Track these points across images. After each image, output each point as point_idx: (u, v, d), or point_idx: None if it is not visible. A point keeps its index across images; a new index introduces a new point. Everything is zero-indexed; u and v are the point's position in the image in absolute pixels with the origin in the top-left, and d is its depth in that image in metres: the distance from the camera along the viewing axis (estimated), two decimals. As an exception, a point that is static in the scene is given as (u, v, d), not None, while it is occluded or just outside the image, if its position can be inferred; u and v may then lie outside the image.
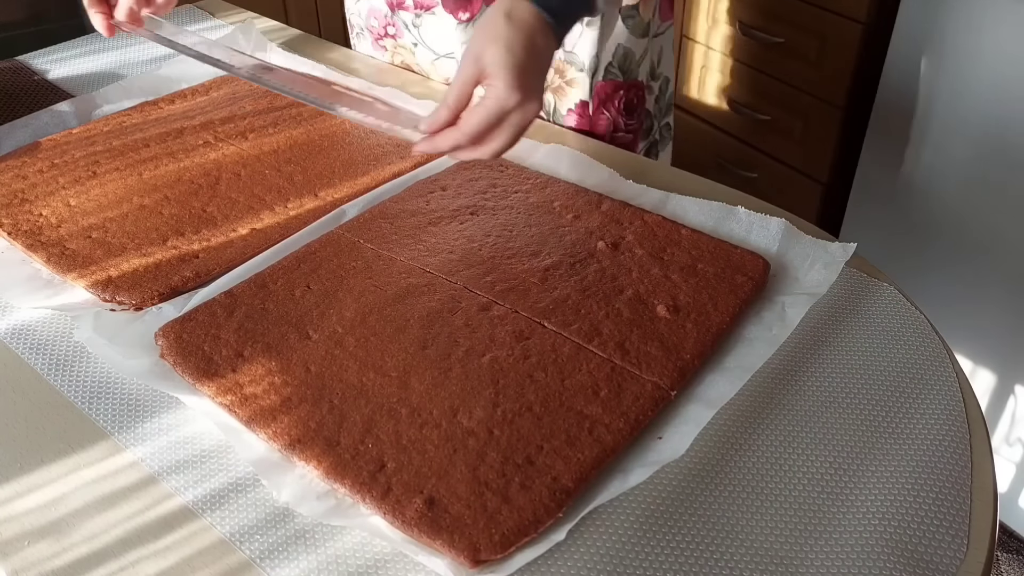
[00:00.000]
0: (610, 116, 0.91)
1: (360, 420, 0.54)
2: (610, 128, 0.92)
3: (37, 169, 0.78)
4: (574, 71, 0.89)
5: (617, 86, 0.90)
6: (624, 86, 0.90)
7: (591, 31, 0.86)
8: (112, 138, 0.83)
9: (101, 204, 0.74)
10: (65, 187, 0.76)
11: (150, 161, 0.80)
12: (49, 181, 0.77)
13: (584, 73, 0.88)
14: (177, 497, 0.51)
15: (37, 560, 0.48)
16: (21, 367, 0.60)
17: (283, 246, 0.69)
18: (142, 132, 0.84)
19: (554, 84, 0.90)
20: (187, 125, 0.85)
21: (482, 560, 0.46)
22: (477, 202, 0.74)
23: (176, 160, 0.80)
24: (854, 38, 1.49)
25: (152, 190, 0.76)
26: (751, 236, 0.71)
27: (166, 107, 0.89)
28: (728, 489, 0.51)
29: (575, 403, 0.55)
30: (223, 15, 1.10)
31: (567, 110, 0.92)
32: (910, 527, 0.49)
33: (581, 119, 0.91)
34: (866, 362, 0.60)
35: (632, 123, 0.93)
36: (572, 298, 0.63)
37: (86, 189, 0.76)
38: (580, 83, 0.89)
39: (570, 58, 0.88)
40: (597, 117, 0.91)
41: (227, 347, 0.59)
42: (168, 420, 0.56)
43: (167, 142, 0.83)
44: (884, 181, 1.51)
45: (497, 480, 0.50)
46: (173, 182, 0.77)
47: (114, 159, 0.80)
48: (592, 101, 0.90)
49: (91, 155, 0.80)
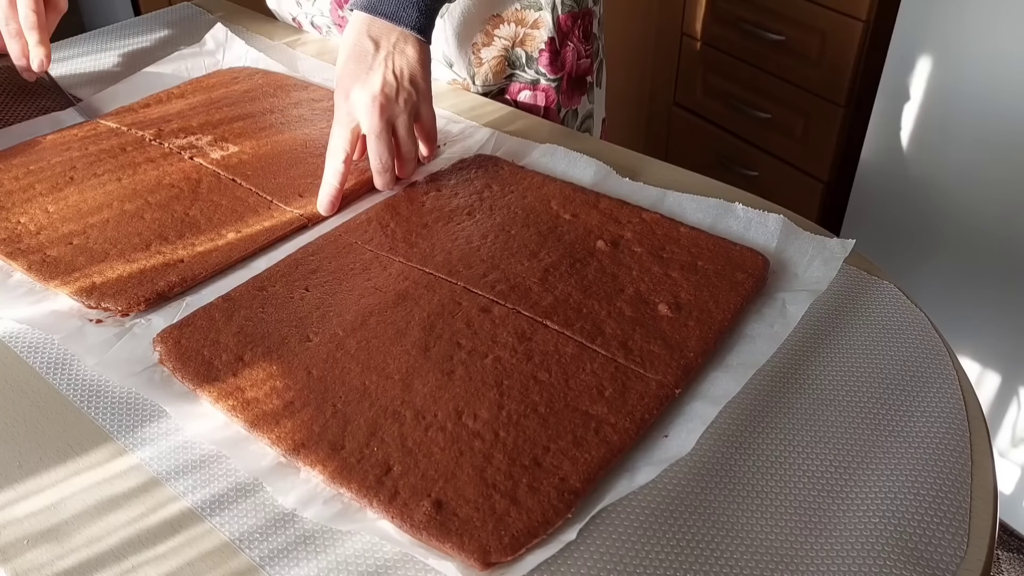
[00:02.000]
0: (574, 46, 0.96)
1: (364, 423, 0.54)
2: (575, 57, 0.96)
3: (12, 176, 0.77)
4: (533, 13, 0.92)
5: (574, 16, 0.95)
6: (580, 14, 0.95)
7: None
8: (88, 143, 0.82)
9: (81, 210, 0.73)
10: (43, 194, 0.75)
11: (129, 167, 0.78)
12: (26, 188, 0.76)
13: (545, 11, 0.92)
14: (180, 500, 0.51)
15: (38, 564, 0.48)
16: (21, 367, 0.60)
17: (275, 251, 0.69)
18: (118, 137, 0.83)
19: (519, 36, 0.94)
20: (165, 129, 0.84)
21: (492, 563, 0.46)
22: (474, 202, 0.74)
23: (156, 165, 0.79)
24: (855, 36, 1.49)
25: (133, 195, 0.75)
26: (749, 233, 0.71)
27: (140, 111, 0.89)
28: (730, 487, 0.51)
29: (580, 403, 0.55)
30: (222, 14, 1.10)
31: (538, 51, 0.95)
32: (910, 525, 0.49)
33: (552, 56, 0.95)
34: (866, 360, 0.60)
35: (589, 48, 0.98)
36: (573, 297, 0.63)
37: (64, 196, 0.75)
38: (544, 22, 0.93)
39: (527, 3, 0.92)
40: (564, 50, 0.95)
41: (227, 351, 0.59)
42: (171, 422, 0.56)
43: (145, 146, 0.82)
44: (885, 179, 1.51)
45: (505, 482, 0.50)
46: (153, 187, 0.76)
47: (91, 165, 0.79)
48: (557, 36, 0.94)
49: (67, 161, 0.79)
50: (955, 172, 1.39)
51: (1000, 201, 1.33)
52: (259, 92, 0.91)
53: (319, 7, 1.01)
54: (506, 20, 0.93)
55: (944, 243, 1.44)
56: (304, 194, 0.76)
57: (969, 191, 1.37)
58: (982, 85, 1.30)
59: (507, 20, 0.93)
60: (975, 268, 1.40)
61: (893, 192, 1.50)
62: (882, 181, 1.51)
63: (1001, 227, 1.34)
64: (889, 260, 1.52)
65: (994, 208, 1.34)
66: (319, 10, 1.02)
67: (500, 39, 0.94)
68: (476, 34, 0.94)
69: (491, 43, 0.95)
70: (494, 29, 0.93)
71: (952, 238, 1.42)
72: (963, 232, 1.40)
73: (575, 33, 0.95)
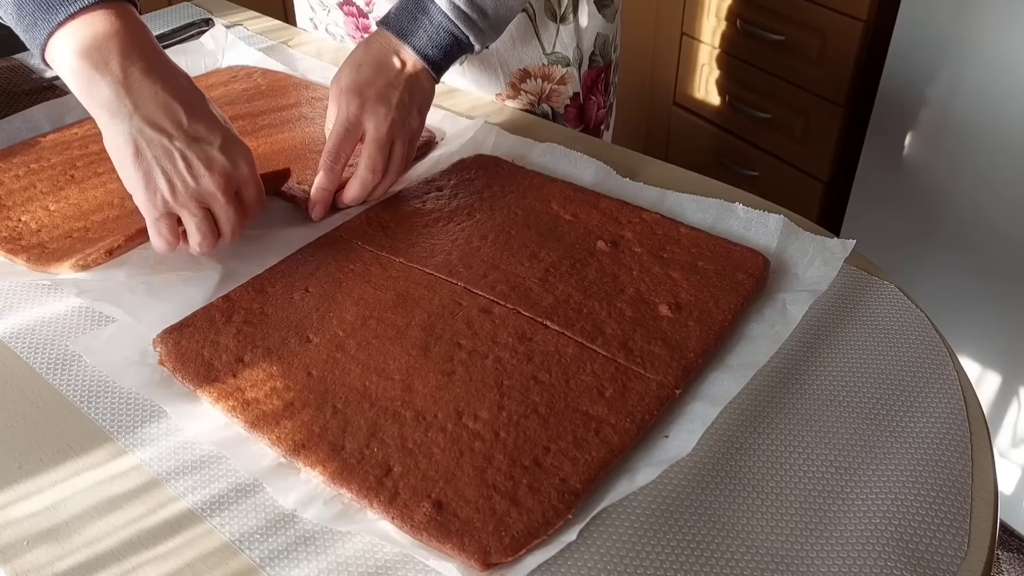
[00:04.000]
0: (596, 100, 0.96)
1: (364, 424, 0.54)
2: (595, 110, 0.97)
3: (13, 175, 0.77)
4: (560, 68, 0.92)
5: (599, 71, 0.95)
6: (604, 69, 0.96)
7: (566, 27, 0.90)
8: (89, 142, 0.82)
9: (83, 209, 0.73)
10: (44, 192, 0.75)
11: None
12: (27, 187, 0.76)
13: (572, 67, 0.92)
14: (180, 501, 0.51)
15: (38, 564, 0.48)
16: (21, 367, 0.60)
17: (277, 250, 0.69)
18: None
19: (545, 92, 0.93)
20: None
21: (493, 563, 0.46)
22: (474, 203, 0.74)
23: None
24: (855, 36, 1.49)
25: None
26: (750, 233, 0.71)
27: None
28: (730, 488, 0.51)
29: (580, 403, 0.55)
30: (223, 14, 1.10)
31: (563, 107, 0.94)
32: (911, 525, 0.49)
33: (578, 112, 0.95)
34: (867, 361, 0.60)
35: (607, 99, 0.99)
36: (574, 298, 0.63)
37: (66, 195, 0.75)
38: (571, 78, 0.93)
39: (554, 59, 0.91)
40: (588, 104, 0.95)
41: (227, 352, 0.59)
42: (171, 423, 0.56)
43: None
44: (885, 179, 1.51)
45: (505, 483, 0.50)
46: None
47: (92, 164, 0.79)
48: (582, 91, 0.94)
49: (68, 160, 0.79)
50: (955, 172, 1.38)
51: (1000, 201, 1.33)
52: (258, 91, 0.91)
53: (334, 17, 1.01)
54: (533, 75, 0.92)
55: (944, 243, 1.43)
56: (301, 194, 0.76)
57: (969, 191, 1.37)
58: (982, 85, 1.30)
59: (534, 75, 0.92)
60: (975, 268, 1.40)
61: (893, 192, 1.50)
62: (882, 181, 1.51)
63: (1001, 227, 1.34)
64: (889, 260, 1.52)
65: (994, 208, 1.34)
66: (333, 20, 1.01)
67: (527, 93, 0.93)
68: (502, 86, 0.93)
69: (517, 96, 0.94)
70: (520, 83, 0.92)
71: (952, 238, 1.42)
72: (963, 232, 1.40)
73: (598, 87, 0.96)
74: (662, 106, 2.02)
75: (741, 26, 1.69)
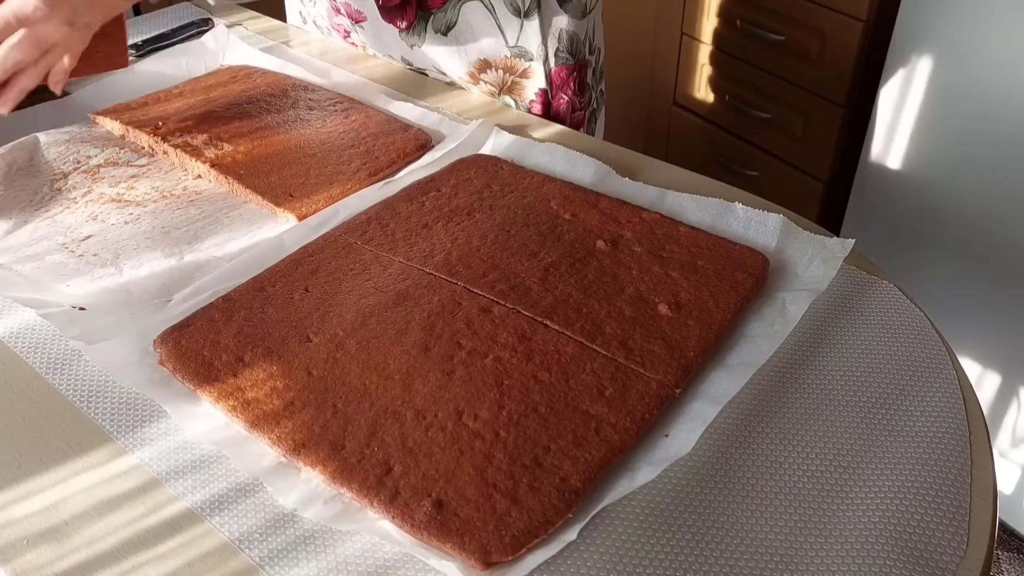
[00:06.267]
0: (567, 98, 0.95)
1: (364, 423, 0.54)
2: (568, 110, 0.96)
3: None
4: (524, 62, 0.92)
5: (570, 70, 0.94)
6: (575, 68, 0.95)
7: (531, 23, 0.89)
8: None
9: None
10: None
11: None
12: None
13: (537, 62, 0.91)
14: (180, 500, 0.51)
15: (38, 564, 0.48)
16: (21, 367, 0.60)
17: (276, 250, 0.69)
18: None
19: (507, 84, 0.93)
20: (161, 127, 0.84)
21: (493, 562, 0.46)
22: (474, 202, 0.74)
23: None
24: (855, 36, 1.49)
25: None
26: (749, 232, 0.71)
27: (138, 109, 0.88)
28: (730, 487, 0.51)
29: (580, 403, 0.55)
30: (223, 14, 1.10)
31: (529, 101, 0.94)
32: (910, 524, 0.49)
33: (544, 107, 0.95)
34: (866, 360, 0.60)
35: (583, 100, 0.98)
36: (573, 297, 0.63)
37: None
38: (535, 72, 0.92)
39: (517, 52, 0.91)
40: (557, 101, 0.95)
41: (227, 352, 0.59)
42: (171, 423, 0.56)
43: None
44: (885, 179, 1.51)
45: (505, 482, 0.50)
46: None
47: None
48: (550, 88, 0.94)
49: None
50: (955, 172, 1.38)
51: (1000, 201, 1.33)
52: (257, 92, 0.91)
53: (320, 9, 1.01)
54: (494, 66, 0.92)
55: (944, 243, 1.43)
56: (295, 194, 0.76)
57: (969, 191, 1.37)
58: (982, 85, 1.30)
59: (495, 66, 0.92)
60: (975, 268, 1.40)
61: (893, 192, 1.50)
62: (882, 181, 1.51)
63: (1001, 227, 1.34)
64: (889, 260, 1.52)
65: (995, 208, 1.34)
66: (319, 12, 1.02)
67: (486, 83, 0.94)
68: (463, 72, 0.93)
69: (476, 85, 0.94)
70: (480, 73, 0.93)
71: (952, 238, 1.42)
72: (963, 232, 1.40)
73: (569, 86, 0.94)
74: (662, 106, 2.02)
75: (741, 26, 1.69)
